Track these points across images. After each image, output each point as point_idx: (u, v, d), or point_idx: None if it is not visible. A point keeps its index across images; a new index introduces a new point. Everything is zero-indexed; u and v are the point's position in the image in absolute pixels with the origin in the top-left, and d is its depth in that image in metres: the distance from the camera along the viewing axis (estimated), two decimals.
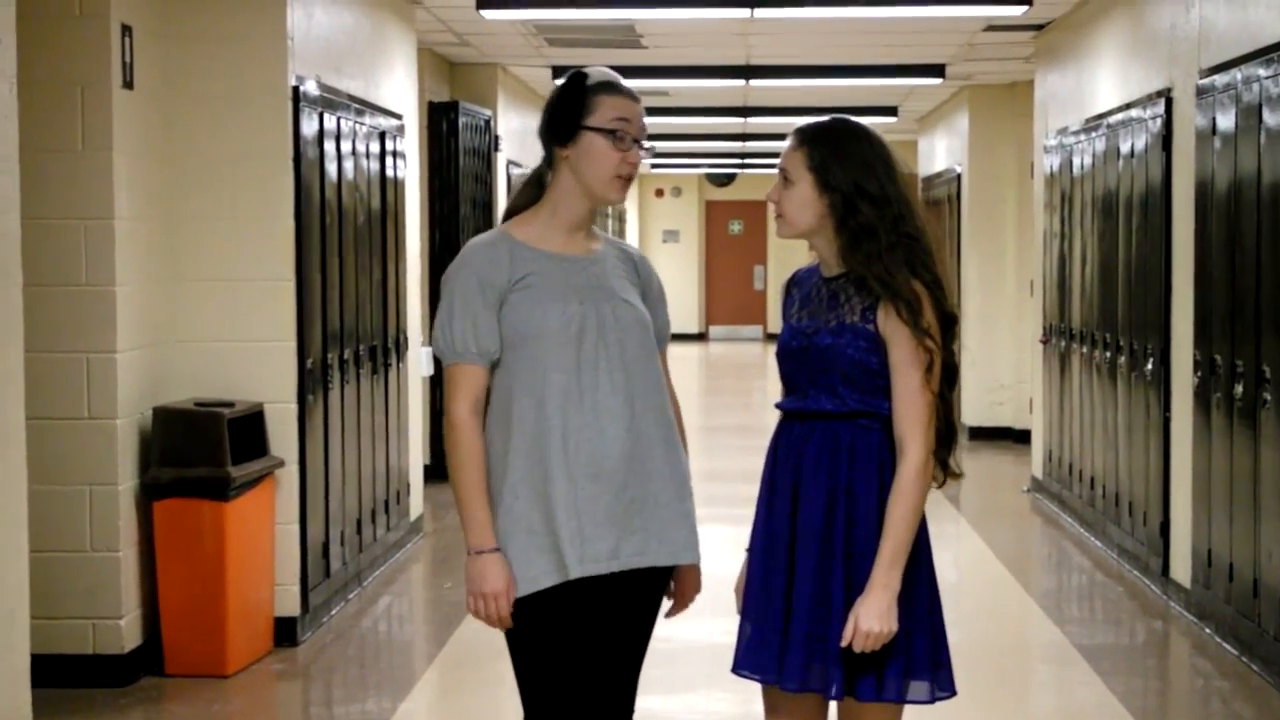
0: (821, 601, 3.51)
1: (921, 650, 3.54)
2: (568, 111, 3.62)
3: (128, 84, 6.53)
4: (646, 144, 3.67)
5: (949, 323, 3.54)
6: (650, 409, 3.60)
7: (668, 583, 3.70)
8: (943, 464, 3.60)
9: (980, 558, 9.65)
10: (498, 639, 3.73)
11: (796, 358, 3.61)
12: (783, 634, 3.54)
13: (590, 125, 3.59)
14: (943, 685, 3.58)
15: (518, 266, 3.59)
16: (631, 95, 3.65)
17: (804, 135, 3.61)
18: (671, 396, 3.74)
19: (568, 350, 3.55)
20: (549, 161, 3.67)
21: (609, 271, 3.66)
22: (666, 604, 3.75)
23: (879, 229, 3.51)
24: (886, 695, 3.51)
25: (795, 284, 3.73)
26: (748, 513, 3.76)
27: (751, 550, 3.66)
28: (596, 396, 3.55)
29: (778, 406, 3.70)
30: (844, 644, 3.45)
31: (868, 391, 3.54)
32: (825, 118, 3.65)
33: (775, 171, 3.66)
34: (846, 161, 3.54)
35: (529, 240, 3.63)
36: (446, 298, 3.61)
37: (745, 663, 3.61)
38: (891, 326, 3.50)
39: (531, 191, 3.70)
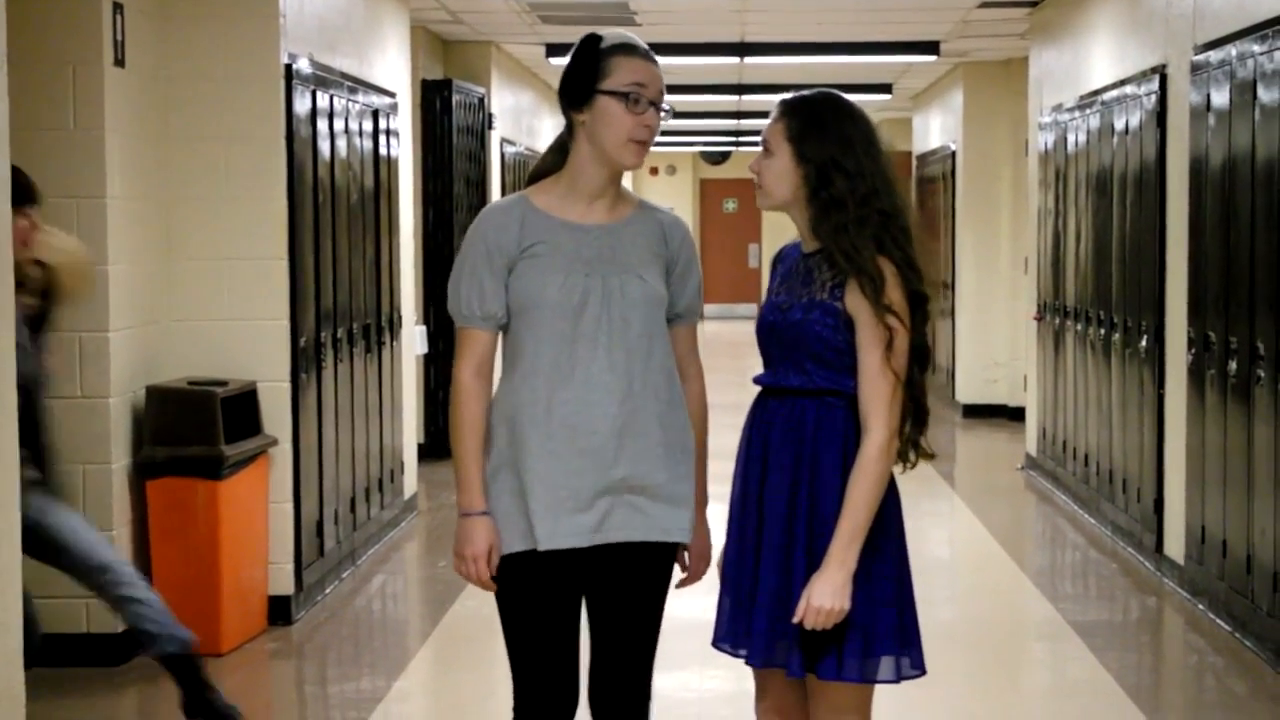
0: (785, 578, 3.50)
1: (886, 628, 3.49)
2: (582, 75, 3.57)
3: (119, 62, 6.51)
4: (665, 105, 3.62)
5: (918, 303, 3.51)
6: (650, 387, 3.56)
7: (670, 560, 3.68)
8: (914, 444, 3.59)
9: (974, 535, 9.66)
10: (492, 617, 3.73)
11: (770, 333, 3.60)
12: (750, 610, 3.54)
13: (604, 89, 3.54)
14: (912, 664, 3.54)
15: (527, 234, 3.56)
16: (648, 56, 3.61)
17: (786, 107, 3.60)
18: (697, 372, 3.72)
19: (564, 323, 3.52)
20: (569, 127, 3.63)
21: (627, 243, 3.61)
22: (679, 575, 3.74)
23: (849, 202, 3.48)
24: (847, 675, 3.48)
25: (781, 259, 3.72)
26: None
27: (728, 526, 3.66)
28: (590, 371, 3.52)
29: (755, 381, 3.69)
30: (795, 620, 3.43)
31: (834, 369, 3.51)
32: (810, 91, 3.63)
33: None
34: (825, 135, 3.52)
35: (547, 207, 3.59)
36: (459, 260, 3.60)
37: (723, 636, 3.62)
38: (855, 303, 3.47)
39: (555, 157, 3.66)
